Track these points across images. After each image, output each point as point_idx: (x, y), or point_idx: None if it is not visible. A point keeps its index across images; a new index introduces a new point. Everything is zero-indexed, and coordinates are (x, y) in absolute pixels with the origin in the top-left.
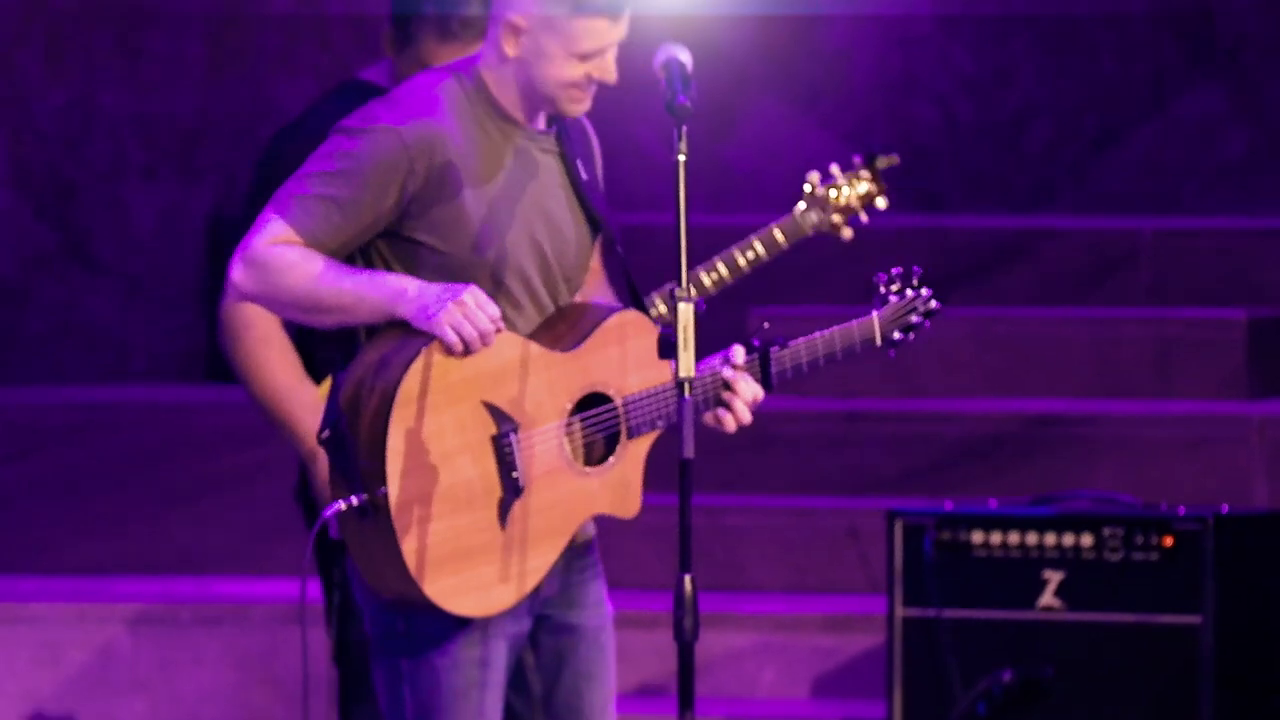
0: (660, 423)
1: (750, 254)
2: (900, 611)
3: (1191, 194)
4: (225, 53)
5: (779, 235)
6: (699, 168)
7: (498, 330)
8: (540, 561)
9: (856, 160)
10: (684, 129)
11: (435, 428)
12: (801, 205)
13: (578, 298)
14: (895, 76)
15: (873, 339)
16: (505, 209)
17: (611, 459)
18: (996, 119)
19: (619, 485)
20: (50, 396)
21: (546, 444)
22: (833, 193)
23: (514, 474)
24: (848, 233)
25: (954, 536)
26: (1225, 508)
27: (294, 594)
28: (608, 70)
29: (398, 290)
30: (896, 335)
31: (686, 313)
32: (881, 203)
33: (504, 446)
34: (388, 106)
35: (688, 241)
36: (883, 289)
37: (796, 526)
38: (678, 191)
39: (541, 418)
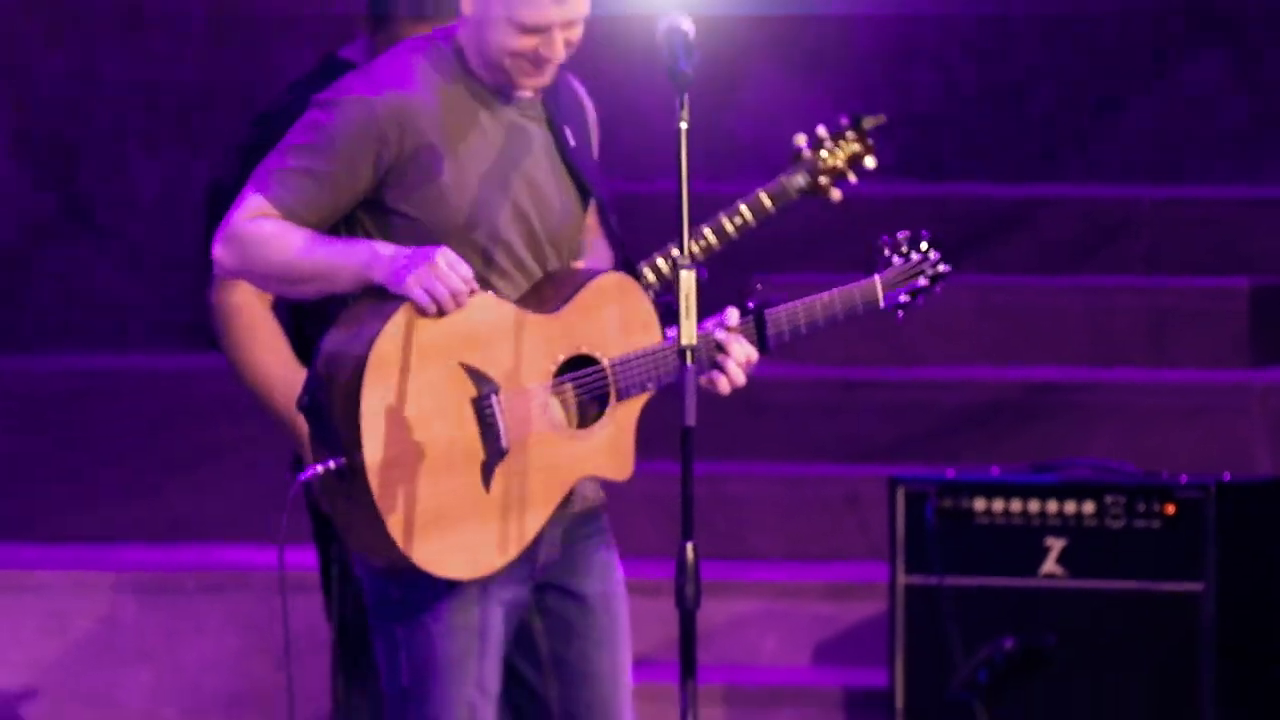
0: (650, 384)
1: (738, 219)
2: (902, 579)
3: (1192, 164)
4: (227, 21)
5: (766, 200)
6: (700, 136)
7: (471, 291)
8: (530, 524)
9: (843, 121)
10: (685, 96)
11: (411, 390)
12: (788, 169)
13: (577, 265)
14: (896, 44)
15: (875, 300)
16: (485, 177)
17: (602, 421)
18: (998, 88)
19: (610, 447)
20: (50, 364)
21: (532, 406)
22: (821, 155)
23: (496, 436)
24: (836, 194)
25: (956, 504)
26: (1227, 476)
27: (296, 562)
28: (554, 50)
29: (372, 254)
30: (903, 298)
31: (688, 280)
32: (870, 163)
33: (484, 408)
34: (361, 77)
35: (689, 209)
36: (887, 251)
37: (797, 494)
38: (679, 159)
39: (525, 379)
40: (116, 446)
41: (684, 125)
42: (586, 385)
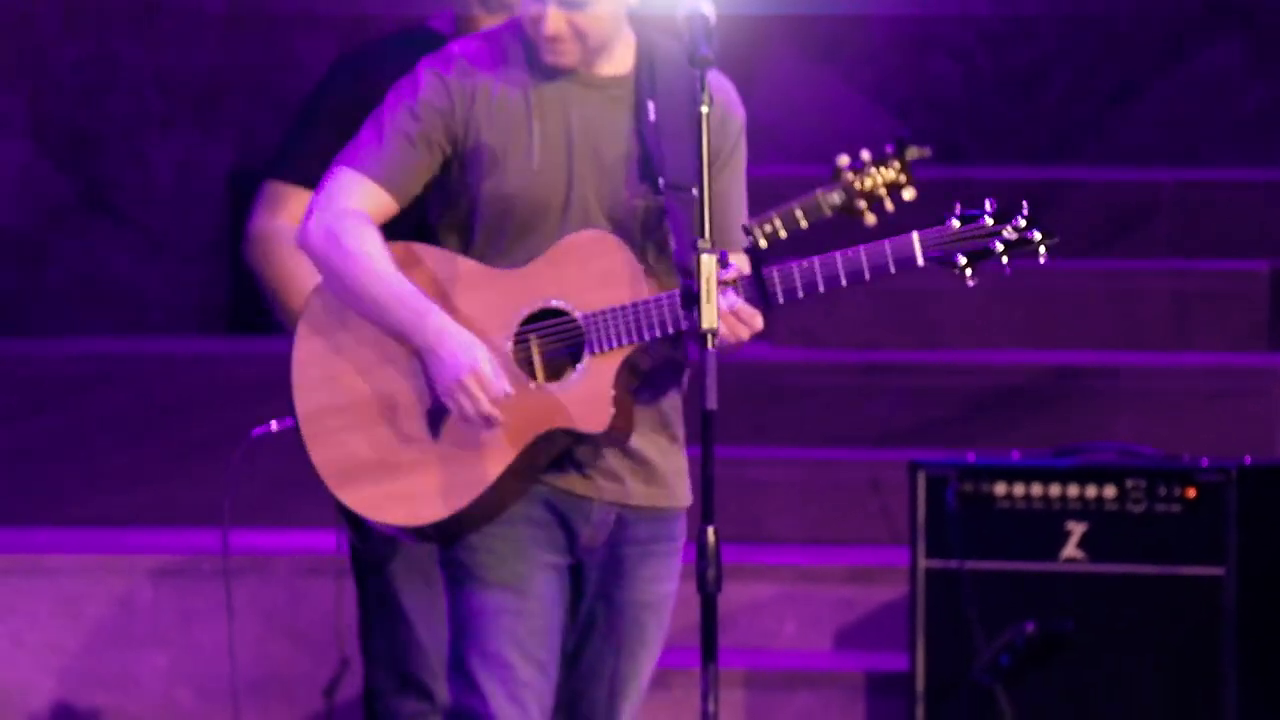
0: (627, 339)
1: (768, 228)
2: (923, 563)
3: (1210, 148)
4: (244, 7)
5: (799, 213)
6: None
7: (506, 394)
8: (483, 473)
9: (888, 149)
10: (706, 80)
11: (348, 342)
12: (826, 185)
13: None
14: (914, 30)
15: (910, 257)
16: (541, 152)
17: (575, 373)
18: (1016, 73)
19: (584, 400)
20: (67, 349)
21: (490, 356)
22: (861, 178)
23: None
24: (871, 218)
25: (976, 488)
26: (1248, 459)
27: (314, 546)
28: (547, 26)
29: (422, 324)
30: (959, 259)
31: (709, 264)
32: (908, 194)
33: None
34: (435, 57)
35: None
36: (955, 214)
37: (818, 478)
38: (700, 144)
39: (483, 331)
40: (133, 431)
41: (705, 109)
42: (555, 336)
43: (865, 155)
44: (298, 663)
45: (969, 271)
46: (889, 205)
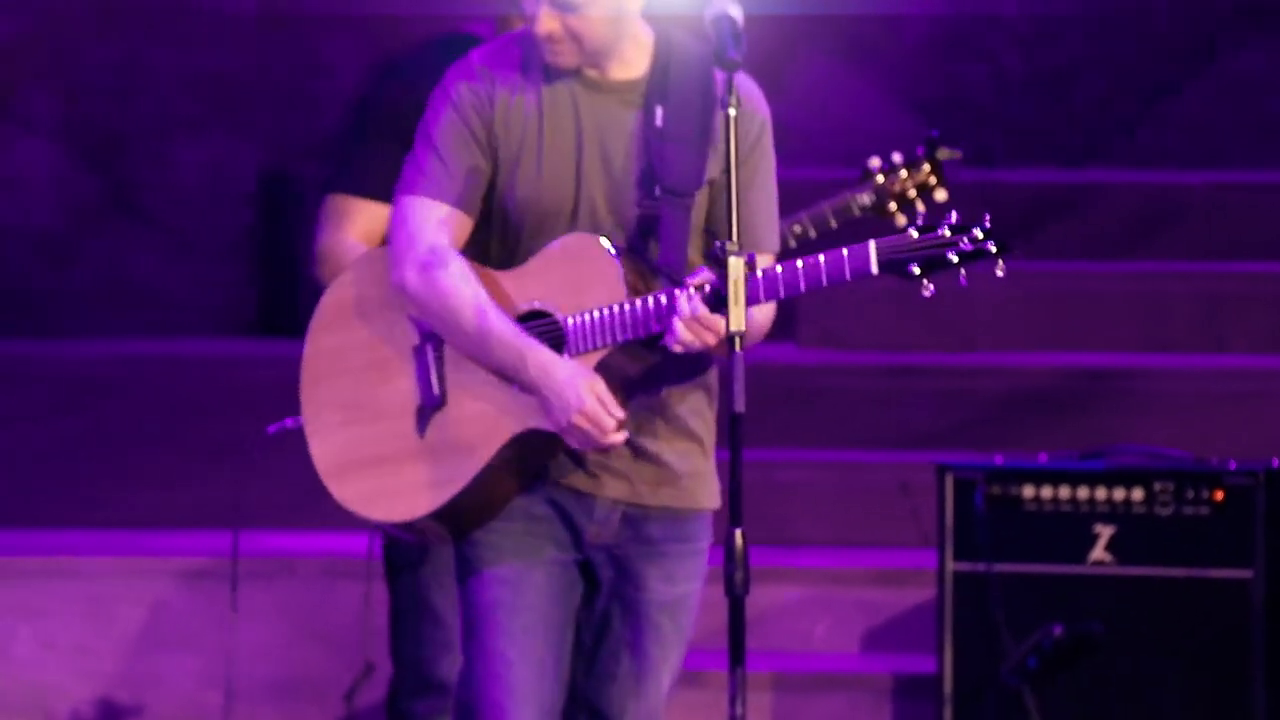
0: (602, 342)
1: (798, 229)
2: (951, 566)
3: (1241, 149)
4: (273, 8)
5: (829, 214)
6: None
7: (619, 421)
8: (462, 470)
9: (919, 151)
10: (734, 82)
11: (353, 342)
12: (855, 186)
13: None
14: (944, 31)
15: (866, 264)
16: (550, 156)
17: None
18: (1046, 76)
19: None
20: (94, 350)
21: None
22: (892, 180)
23: (429, 383)
24: (901, 220)
25: (1005, 491)
26: (1276, 462)
27: (341, 548)
28: (539, 26)
29: (521, 363)
30: (914, 269)
31: (736, 266)
32: (941, 195)
33: (422, 357)
34: (459, 67)
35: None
36: (916, 224)
37: (847, 481)
38: (728, 146)
39: None
40: (160, 432)
41: (733, 112)
42: (538, 338)
43: (896, 157)
44: (323, 665)
45: (925, 281)
46: (920, 206)
